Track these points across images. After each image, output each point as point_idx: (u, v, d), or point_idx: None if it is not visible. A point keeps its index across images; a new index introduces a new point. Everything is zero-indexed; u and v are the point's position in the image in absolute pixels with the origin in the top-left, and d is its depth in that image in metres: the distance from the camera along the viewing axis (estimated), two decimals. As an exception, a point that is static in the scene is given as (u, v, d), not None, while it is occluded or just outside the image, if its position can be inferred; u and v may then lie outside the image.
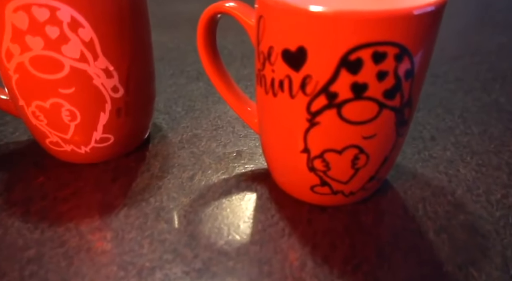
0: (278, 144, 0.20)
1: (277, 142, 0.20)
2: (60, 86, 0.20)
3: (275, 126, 0.19)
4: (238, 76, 0.37)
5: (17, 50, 0.19)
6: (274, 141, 0.20)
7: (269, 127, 0.20)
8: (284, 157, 0.20)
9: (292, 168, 0.20)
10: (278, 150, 0.20)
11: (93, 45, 0.20)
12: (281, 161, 0.20)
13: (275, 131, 0.19)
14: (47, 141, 0.23)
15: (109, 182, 0.23)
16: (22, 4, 0.18)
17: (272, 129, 0.20)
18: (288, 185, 0.21)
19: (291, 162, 0.19)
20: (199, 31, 0.22)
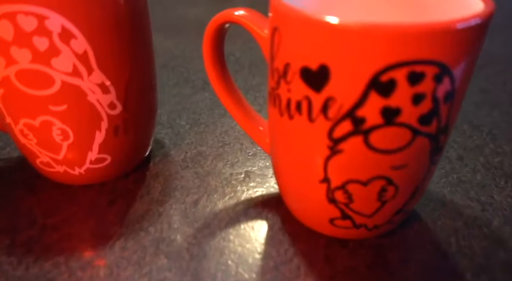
0: (293, 171, 0.17)
1: (292, 168, 0.17)
2: (51, 103, 0.18)
3: (291, 151, 0.17)
4: (246, 86, 0.35)
5: (2, 63, 0.17)
6: (289, 167, 0.18)
7: (283, 151, 0.18)
8: (300, 186, 0.18)
9: (309, 198, 0.17)
10: (294, 177, 0.18)
11: (87, 58, 0.18)
12: (297, 190, 0.18)
13: (290, 156, 0.17)
14: (37, 161, 0.21)
15: (105, 206, 0.21)
16: (6, 12, 0.16)
17: (286, 154, 0.17)
18: (303, 215, 0.19)
19: (308, 191, 0.17)
20: (206, 42, 0.20)
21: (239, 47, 0.44)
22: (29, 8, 0.16)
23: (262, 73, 0.38)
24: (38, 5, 0.16)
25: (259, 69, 0.39)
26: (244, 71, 0.38)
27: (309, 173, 0.17)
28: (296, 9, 0.14)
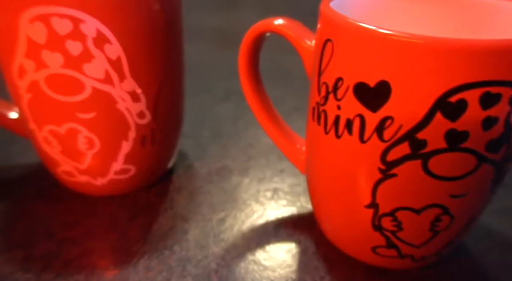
0: (335, 193, 0.16)
1: (334, 190, 0.16)
2: (79, 110, 0.17)
3: (334, 172, 0.16)
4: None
5: (32, 67, 0.16)
6: (330, 189, 0.16)
7: (324, 172, 0.16)
8: (341, 209, 0.16)
9: (351, 223, 0.16)
10: (335, 200, 0.16)
11: (120, 65, 0.17)
12: (337, 213, 0.17)
13: (333, 177, 0.16)
14: (58, 169, 0.20)
15: (126, 220, 0.20)
16: (41, 14, 0.15)
17: (328, 175, 0.16)
18: (342, 240, 0.18)
19: (351, 216, 0.16)
20: (242, 53, 0.19)
21: (262, 57, 0.43)
22: (65, 10, 0.15)
23: (283, 84, 0.37)
24: (75, 7, 0.15)
25: (280, 81, 0.38)
26: (266, 83, 0.37)
27: (354, 196, 0.15)
28: (355, 21, 0.13)
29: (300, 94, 0.35)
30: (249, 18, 0.56)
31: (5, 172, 0.23)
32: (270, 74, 0.41)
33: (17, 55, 0.16)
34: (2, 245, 0.18)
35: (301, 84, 0.37)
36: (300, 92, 0.36)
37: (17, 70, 0.16)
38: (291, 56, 0.46)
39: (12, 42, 0.16)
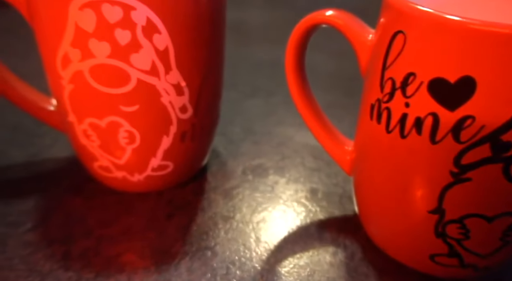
0: (392, 197, 0.15)
1: (390, 193, 0.15)
2: (122, 103, 0.17)
3: (394, 174, 0.15)
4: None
5: (77, 56, 0.15)
6: (386, 192, 0.16)
7: (380, 173, 0.15)
8: (399, 214, 0.15)
9: (408, 229, 0.15)
10: (390, 204, 0.16)
11: (167, 56, 0.16)
12: (392, 218, 0.16)
13: (392, 180, 0.15)
14: (95, 164, 0.19)
15: (163, 219, 0.19)
16: (92, 0, 0.14)
17: (385, 177, 0.15)
18: (394, 246, 0.17)
19: (410, 221, 0.15)
20: (290, 48, 0.18)
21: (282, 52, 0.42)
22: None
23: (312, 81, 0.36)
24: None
25: (310, 78, 0.37)
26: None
27: (416, 201, 0.14)
28: (436, 12, 0.12)
29: (327, 91, 0.34)
30: (264, 13, 0.55)
31: (36, 166, 0.22)
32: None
33: (62, 44, 0.15)
34: (40, 241, 0.17)
35: (327, 81, 0.36)
36: (327, 89, 0.35)
37: (61, 60, 0.16)
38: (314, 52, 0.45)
39: (59, 30, 0.15)
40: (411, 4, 0.13)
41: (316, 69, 0.41)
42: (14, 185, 0.21)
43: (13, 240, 0.17)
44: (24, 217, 0.18)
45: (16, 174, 0.22)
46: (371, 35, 0.16)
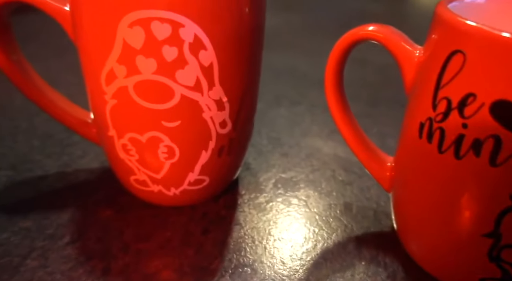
0: (440, 218, 0.15)
1: (439, 214, 0.15)
2: (165, 118, 0.16)
3: (444, 195, 0.14)
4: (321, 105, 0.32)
5: (123, 73, 0.15)
6: (434, 213, 0.15)
7: (428, 193, 0.15)
8: (447, 236, 0.15)
9: (458, 251, 0.15)
10: (438, 225, 0.15)
11: (211, 72, 0.16)
12: (440, 239, 0.15)
13: (441, 201, 0.15)
14: (131, 178, 0.19)
15: (199, 234, 0.19)
16: (142, 18, 0.14)
17: (434, 197, 0.15)
18: (439, 267, 0.16)
19: (460, 244, 0.15)
20: (330, 65, 0.18)
21: (304, 61, 0.42)
22: (166, 14, 0.14)
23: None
24: (177, 11, 0.14)
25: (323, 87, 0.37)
26: (315, 88, 0.36)
27: (468, 223, 0.14)
28: (502, 33, 0.11)
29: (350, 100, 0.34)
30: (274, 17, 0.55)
31: (70, 177, 0.22)
32: (319, 80, 0.40)
33: (109, 60, 0.15)
34: (80, 256, 0.17)
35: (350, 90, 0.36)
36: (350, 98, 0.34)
37: (105, 76, 0.16)
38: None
39: (106, 47, 0.15)
40: (471, 23, 0.12)
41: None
42: (50, 197, 0.21)
43: (53, 254, 0.17)
44: (62, 230, 0.18)
45: (51, 184, 0.22)
46: (418, 51, 0.15)
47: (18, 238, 0.18)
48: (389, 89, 0.40)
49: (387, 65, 0.44)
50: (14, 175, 0.22)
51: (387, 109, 0.35)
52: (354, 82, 0.39)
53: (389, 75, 0.42)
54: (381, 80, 0.40)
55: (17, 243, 0.17)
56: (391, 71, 0.43)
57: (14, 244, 0.17)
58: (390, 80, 0.43)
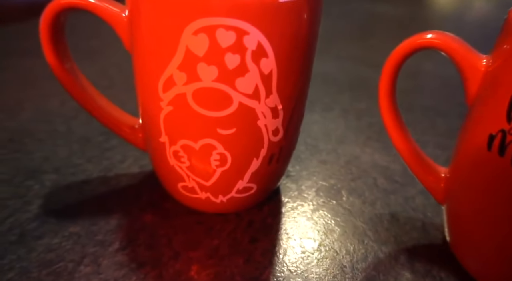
0: (503, 232, 0.14)
1: (504, 228, 0.14)
2: (220, 126, 0.16)
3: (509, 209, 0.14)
4: (352, 110, 0.32)
5: (182, 80, 0.15)
6: (498, 226, 0.15)
7: (490, 206, 0.15)
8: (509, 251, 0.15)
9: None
10: (503, 239, 0.15)
11: (270, 80, 0.16)
12: (502, 254, 0.15)
13: (505, 215, 0.14)
14: (179, 185, 0.19)
15: (247, 243, 0.19)
16: (207, 25, 0.14)
17: (499, 211, 0.14)
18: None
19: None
20: (385, 76, 0.17)
21: (333, 65, 0.42)
22: (232, 22, 0.14)
23: (367, 96, 0.35)
24: (242, 19, 0.14)
25: (363, 92, 0.36)
26: (346, 93, 0.36)
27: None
28: None
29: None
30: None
31: (112, 181, 0.22)
32: (350, 84, 0.40)
33: (169, 67, 0.15)
34: (131, 262, 0.17)
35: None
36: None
37: (163, 82, 0.16)
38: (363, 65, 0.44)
39: (168, 53, 0.15)
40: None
41: (370, 83, 0.40)
42: (95, 201, 0.21)
43: (105, 260, 0.17)
44: (110, 236, 0.18)
45: (94, 189, 0.22)
46: (485, 60, 0.15)
47: (70, 244, 0.18)
48: (421, 95, 0.40)
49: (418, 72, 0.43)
50: (58, 179, 0.22)
51: (422, 116, 0.34)
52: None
53: (420, 81, 0.42)
54: (412, 86, 0.39)
55: (68, 249, 0.17)
56: (422, 77, 0.43)
57: (66, 249, 0.17)
58: (421, 87, 0.42)
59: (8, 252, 0.17)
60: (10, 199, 0.20)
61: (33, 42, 0.45)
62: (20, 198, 0.20)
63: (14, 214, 0.19)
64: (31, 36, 0.43)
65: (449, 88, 0.38)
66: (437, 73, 0.43)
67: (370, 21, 0.63)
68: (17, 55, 0.37)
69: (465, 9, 0.76)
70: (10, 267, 0.16)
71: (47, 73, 0.19)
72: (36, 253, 0.17)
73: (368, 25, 0.65)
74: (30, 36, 0.43)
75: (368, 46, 0.51)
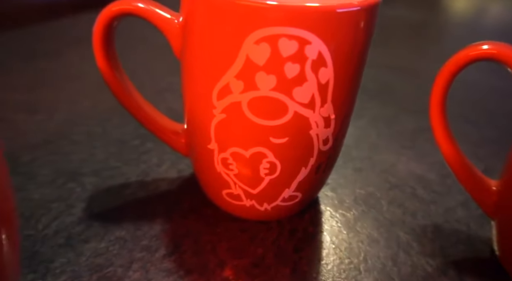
0: None
1: None
2: (273, 135, 0.16)
3: None
4: (379, 117, 0.32)
5: (239, 88, 0.15)
6: None
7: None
8: None
9: None
10: None
11: (326, 89, 0.16)
12: None
13: None
14: (224, 191, 0.19)
15: (292, 252, 0.19)
16: (270, 34, 0.14)
17: None
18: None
19: None
20: (437, 90, 0.17)
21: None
22: (296, 31, 0.14)
23: (394, 103, 0.35)
24: (306, 28, 0.14)
25: (389, 98, 0.36)
26: (374, 101, 0.35)
27: None
28: None
29: (415, 113, 0.33)
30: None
31: (151, 186, 0.22)
32: (379, 91, 0.39)
33: (226, 76, 0.15)
34: (179, 270, 0.17)
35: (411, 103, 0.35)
36: (413, 111, 0.34)
37: (219, 90, 0.16)
38: (388, 71, 0.44)
39: (226, 62, 0.15)
40: None
41: (395, 87, 0.40)
42: (136, 205, 0.21)
43: (153, 266, 0.17)
44: (156, 242, 0.18)
45: (134, 193, 0.22)
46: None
47: (116, 248, 0.18)
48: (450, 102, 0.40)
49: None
50: (98, 182, 0.22)
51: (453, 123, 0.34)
52: (412, 94, 0.38)
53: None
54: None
55: (116, 253, 0.17)
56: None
57: (113, 254, 0.17)
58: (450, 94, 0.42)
59: (58, 255, 0.17)
60: (54, 202, 0.20)
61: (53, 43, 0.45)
62: (63, 201, 0.20)
63: (59, 217, 0.19)
64: (49, 38, 0.43)
65: (478, 94, 0.38)
66: (463, 79, 0.42)
67: (387, 27, 0.62)
68: (39, 57, 0.37)
69: (481, 13, 0.75)
70: (62, 271, 0.16)
71: (72, 74, 0.19)
72: (85, 257, 0.17)
73: (385, 30, 0.65)
74: (49, 38, 0.43)
75: (389, 51, 0.51)
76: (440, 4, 0.76)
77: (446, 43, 0.58)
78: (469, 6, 0.81)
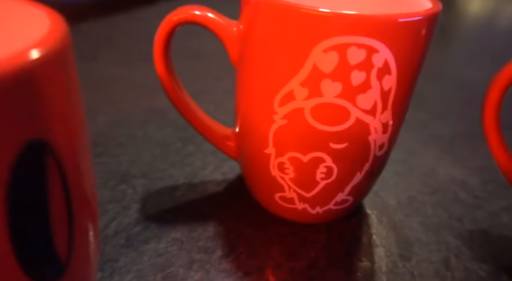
0: None
1: None
2: (334, 140, 0.17)
3: None
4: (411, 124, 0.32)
5: (303, 95, 0.16)
6: None
7: None
8: None
9: None
10: None
11: (388, 96, 0.16)
12: None
13: None
14: (277, 195, 0.19)
15: (343, 255, 0.19)
16: (339, 43, 0.14)
17: None
18: None
19: None
20: (491, 100, 0.17)
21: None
22: (365, 40, 0.14)
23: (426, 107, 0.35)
24: (375, 37, 0.14)
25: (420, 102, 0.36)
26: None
27: None
28: None
29: (451, 119, 0.33)
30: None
31: (199, 188, 0.23)
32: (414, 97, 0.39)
33: (290, 83, 0.15)
34: (237, 271, 0.17)
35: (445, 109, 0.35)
36: (445, 116, 0.34)
37: (281, 96, 0.16)
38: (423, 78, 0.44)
39: (291, 70, 0.15)
40: None
41: (422, 92, 0.40)
42: (187, 207, 0.21)
43: (212, 267, 0.17)
44: (211, 243, 0.19)
45: (184, 195, 0.22)
46: None
47: (175, 249, 0.18)
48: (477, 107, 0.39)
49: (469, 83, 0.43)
50: (148, 184, 0.23)
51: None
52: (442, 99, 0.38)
53: (473, 92, 0.41)
54: (467, 97, 0.39)
55: (175, 254, 0.18)
56: (474, 88, 0.42)
57: (173, 255, 0.18)
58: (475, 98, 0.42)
59: (121, 255, 0.18)
60: (110, 203, 0.21)
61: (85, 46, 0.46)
62: (118, 203, 0.21)
63: (116, 218, 0.20)
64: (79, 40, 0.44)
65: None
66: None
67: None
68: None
69: (497, 16, 0.74)
70: (127, 270, 0.17)
71: (107, 76, 0.20)
72: (147, 257, 0.18)
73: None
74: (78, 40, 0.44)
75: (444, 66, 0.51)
76: (455, 7, 0.75)
77: (464, 45, 0.58)
78: (484, 8, 0.80)
